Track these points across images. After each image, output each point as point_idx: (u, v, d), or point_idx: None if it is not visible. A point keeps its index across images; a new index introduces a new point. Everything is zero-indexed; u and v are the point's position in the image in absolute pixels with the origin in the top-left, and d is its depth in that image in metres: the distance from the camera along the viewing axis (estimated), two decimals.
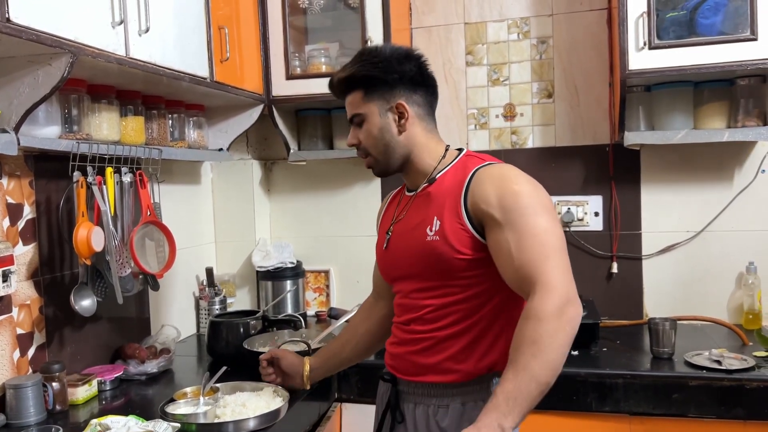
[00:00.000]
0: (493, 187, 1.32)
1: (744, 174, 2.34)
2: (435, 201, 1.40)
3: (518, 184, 1.31)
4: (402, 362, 1.47)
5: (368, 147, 1.46)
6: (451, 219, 1.35)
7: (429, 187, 1.43)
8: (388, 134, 1.44)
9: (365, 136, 1.45)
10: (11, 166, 1.70)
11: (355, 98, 1.45)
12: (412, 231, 1.42)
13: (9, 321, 1.69)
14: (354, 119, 1.46)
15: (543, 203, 1.31)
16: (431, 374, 1.41)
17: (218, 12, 2.08)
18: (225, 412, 1.57)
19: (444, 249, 1.34)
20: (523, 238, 1.26)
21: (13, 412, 1.60)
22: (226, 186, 2.72)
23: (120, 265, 1.83)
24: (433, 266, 1.37)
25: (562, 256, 1.26)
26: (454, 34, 2.57)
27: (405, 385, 1.47)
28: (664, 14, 2.07)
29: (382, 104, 1.43)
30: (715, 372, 1.80)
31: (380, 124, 1.44)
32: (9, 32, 1.28)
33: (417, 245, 1.39)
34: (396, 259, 1.47)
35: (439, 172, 1.44)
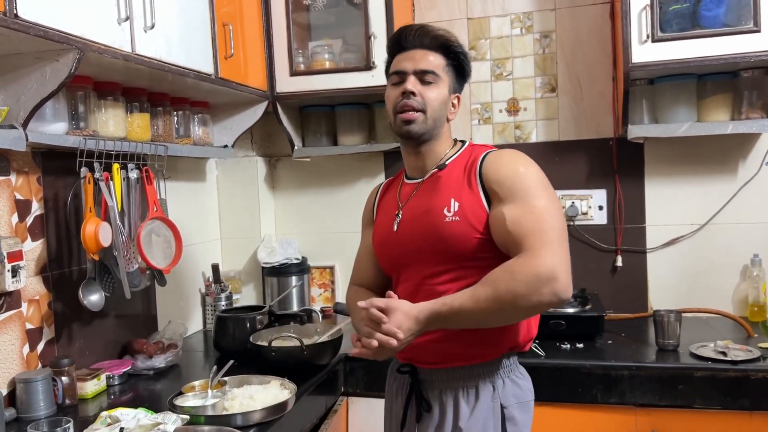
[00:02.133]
0: (502, 166, 1.38)
1: (748, 166, 2.34)
2: (447, 184, 1.43)
3: (524, 166, 1.38)
4: (422, 352, 1.45)
5: (429, 106, 1.44)
6: (470, 200, 1.39)
7: (439, 172, 1.47)
8: (445, 110, 1.48)
9: (432, 95, 1.44)
10: (19, 162, 1.72)
11: (438, 60, 1.46)
12: (425, 214, 1.43)
13: (18, 316, 1.70)
14: (428, 75, 1.44)
15: (545, 185, 1.37)
16: (455, 360, 1.43)
17: (222, 9, 2.09)
18: (233, 405, 1.58)
19: (464, 229, 1.37)
20: (521, 213, 1.31)
21: (24, 406, 1.61)
22: (231, 183, 2.73)
23: (127, 260, 1.84)
24: (450, 248, 1.39)
25: (557, 234, 1.30)
26: (456, 29, 2.58)
27: (426, 373, 1.47)
28: (666, 7, 2.08)
29: (451, 85, 1.49)
30: (721, 363, 1.80)
31: (446, 98, 1.47)
32: (17, 28, 1.29)
33: (433, 228, 1.40)
34: (407, 244, 1.47)
35: (449, 159, 1.48)
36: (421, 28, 1.46)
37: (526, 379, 1.50)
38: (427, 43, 1.45)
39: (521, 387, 1.46)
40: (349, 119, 2.60)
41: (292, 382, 1.70)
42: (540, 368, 1.87)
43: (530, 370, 1.53)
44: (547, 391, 1.87)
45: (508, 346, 1.44)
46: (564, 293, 1.25)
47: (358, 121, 2.60)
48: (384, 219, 1.57)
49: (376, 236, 1.58)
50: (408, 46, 1.46)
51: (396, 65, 1.48)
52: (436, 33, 1.46)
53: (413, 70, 1.44)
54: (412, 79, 1.44)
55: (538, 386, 1.55)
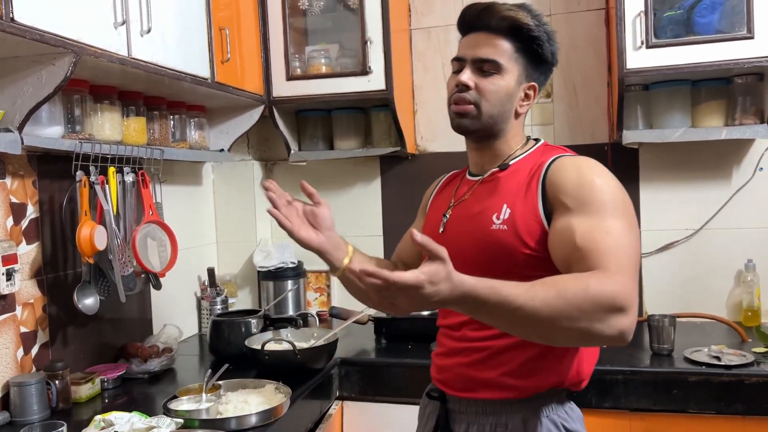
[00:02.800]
0: (571, 174, 1.19)
1: (742, 172, 2.35)
2: (505, 188, 1.27)
3: (602, 178, 1.18)
4: (451, 376, 1.31)
5: (485, 99, 1.26)
6: (524, 209, 1.22)
7: (500, 172, 1.30)
8: (509, 104, 1.28)
9: (490, 87, 1.26)
10: (15, 165, 1.72)
11: (503, 46, 1.26)
12: (474, 217, 1.28)
13: (13, 319, 1.70)
14: (485, 63, 1.26)
15: (626, 206, 1.16)
16: (486, 390, 1.26)
17: (219, 13, 2.09)
18: (227, 409, 1.58)
19: (510, 240, 1.20)
20: (595, 229, 1.10)
21: (17, 409, 1.61)
22: (227, 187, 2.74)
23: (122, 263, 1.84)
24: (494, 258, 1.22)
25: (635, 268, 1.09)
26: (453, 34, 2.56)
27: (455, 402, 1.32)
28: (661, 13, 2.09)
29: (521, 74, 1.28)
30: (715, 368, 1.81)
31: (511, 90, 1.27)
32: (13, 32, 1.29)
33: (479, 233, 1.25)
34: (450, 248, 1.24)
35: (514, 159, 1.31)
36: (487, 8, 1.26)
37: (573, 422, 1.29)
38: (493, 25, 1.25)
39: (559, 428, 1.26)
40: (345, 124, 2.60)
41: (287, 386, 1.70)
42: None
43: None
44: None
45: (551, 383, 1.24)
46: (628, 334, 1.04)
47: (354, 125, 2.61)
48: (433, 216, 1.42)
49: (424, 231, 1.41)
50: (472, 28, 1.28)
51: (459, 50, 1.31)
52: (504, 13, 1.24)
53: (472, 58, 1.27)
54: (468, 70, 1.27)
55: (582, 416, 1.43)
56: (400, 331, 2.25)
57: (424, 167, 2.63)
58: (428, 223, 1.44)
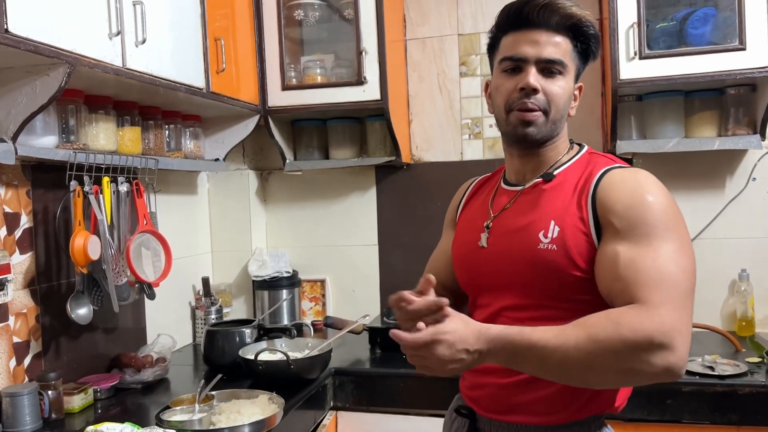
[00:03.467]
0: (623, 193, 1.11)
1: (735, 182, 2.36)
2: (551, 202, 1.18)
3: (654, 195, 1.11)
4: (486, 395, 1.23)
5: (553, 103, 1.18)
6: (574, 227, 1.13)
7: (544, 184, 1.21)
8: (568, 105, 1.22)
9: (558, 92, 1.18)
10: (8, 175, 1.72)
11: (566, 45, 1.19)
12: (517, 233, 1.19)
13: (5, 329, 1.69)
14: (555, 65, 1.17)
15: (678, 224, 1.10)
16: (522, 414, 1.18)
17: (214, 24, 2.10)
18: (220, 419, 1.58)
19: (560, 261, 1.12)
20: (641, 255, 1.04)
21: (9, 420, 1.60)
22: (222, 196, 2.74)
23: (116, 273, 1.84)
24: (541, 280, 1.14)
25: (684, 293, 1.03)
26: (447, 45, 2.60)
27: (486, 423, 1.23)
28: (654, 25, 2.11)
29: (576, 73, 1.23)
30: (708, 378, 1.81)
31: (571, 92, 1.22)
32: (7, 43, 1.30)
33: (525, 251, 1.16)
34: (492, 265, 1.22)
35: (558, 168, 1.22)
36: (549, 3, 1.16)
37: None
38: (555, 22, 1.16)
39: None
40: (340, 133, 2.61)
41: (280, 396, 1.70)
42: None
43: None
44: None
45: (594, 410, 1.17)
46: (678, 368, 0.98)
47: (349, 135, 2.61)
48: (469, 228, 1.30)
49: (456, 246, 1.34)
50: (529, 24, 1.17)
51: (512, 47, 1.18)
52: (568, 11, 1.17)
53: (536, 59, 1.16)
54: (534, 72, 1.16)
55: None
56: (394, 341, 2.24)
57: (420, 177, 2.64)
58: (462, 237, 1.32)
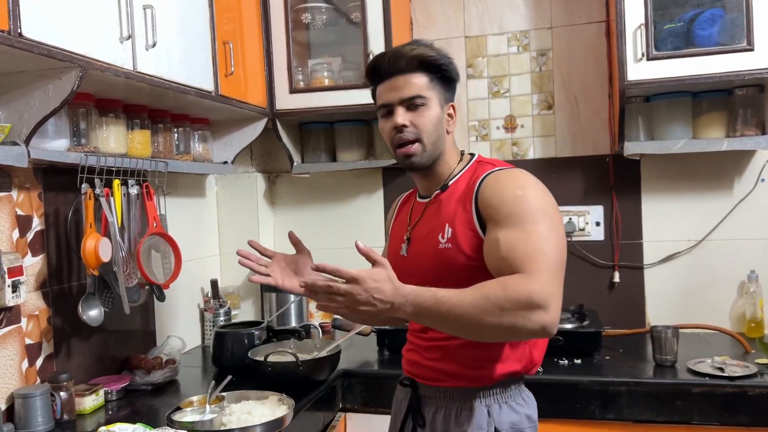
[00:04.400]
0: (498, 190, 1.31)
1: (744, 183, 2.36)
2: (446, 208, 1.40)
3: (523, 189, 1.30)
4: (421, 369, 1.47)
5: (423, 132, 1.38)
6: (462, 226, 1.35)
7: (441, 194, 1.43)
8: (441, 128, 1.41)
9: (424, 121, 1.38)
10: (21, 178, 1.74)
11: (420, 80, 1.38)
12: (425, 238, 1.42)
13: (18, 331, 1.71)
14: (414, 100, 1.38)
15: (546, 211, 1.28)
16: (452, 380, 1.41)
17: (223, 27, 2.12)
18: (231, 420, 1.58)
19: (456, 256, 1.34)
20: (516, 238, 1.23)
21: (22, 421, 1.61)
22: (230, 199, 2.75)
23: (127, 275, 1.85)
24: (445, 274, 1.35)
25: (552, 263, 1.21)
26: (454, 47, 2.61)
27: (426, 389, 1.47)
28: (661, 26, 2.11)
29: (441, 98, 1.42)
30: (718, 379, 1.81)
31: (439, 115, 1.41)
32: (21, 47, 1.31)
33: (430, 253, 1.39)
34: (412, 266, 1.44)
35: (452, 179, 1.44)
36: (393, 53, 1.40)
37: (528, 407, 1.45)
38: (404, 66, 1.38)
39: (519, 414, 1.41)
40: (348, 136, 2.62)
41: (290, 397, 1.71)
42: (537, 384, 1.86)
43: (527, 385, 1.52)
44: (545, 407, 1.85)
45: (506, 371, 1.40)
46: (551, 327, 1.17)
47: (356, 137, 2.62)
48: (395, 239, 1.55)
49: (390, 254, 1.56)
50: (386, 75, 1.40)
51: (382, 96, 1.42)
52: (411, 54, 1.38)
53: (399, 100, 1.38)
54: (401, 111, 1.38)
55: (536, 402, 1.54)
56: (402, 342, 2.23)
57: None
58: (392, 245, 1.57)
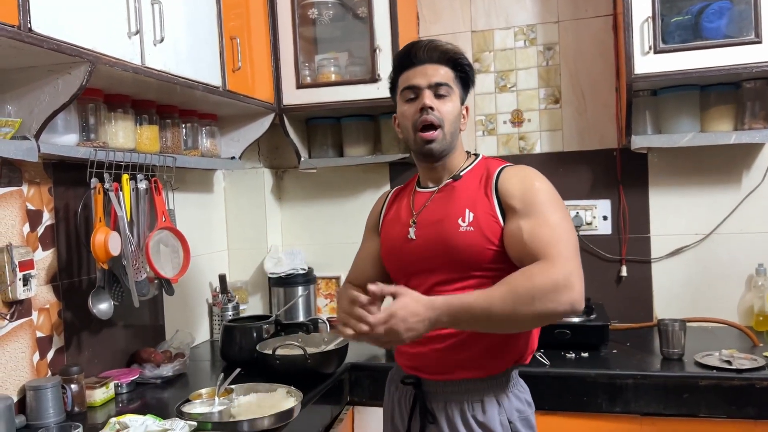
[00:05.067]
0: (518, 182, 1.42)
1: (752, 176, 2.35)
2: (462, 195, 1.46)
3: (540, 182, 1.42)
4: (427, 361, 1.47)
5: (446, 120, 1.47)
6: (484, 211, 1.42)
7: (454, 182, 1.50)
8: (457, 123, 1.51)
9: (448, 109, 1.47)
10: (31, 173, 1.75)
11: (448, 73, 1.48)
12: (439, 223, 1.46)
13: (29, 324, 1.73)
14: (441, 87, 1.47)
15: (558, 201, 1.41)
16: (460, 371, 1.43)
17: (230, 23, 2.13)
18: (239, 412, 1.60)
19: (478, 240, 1.40)
20: (537, 226, 1.34)
21: (33, 413, 1.63)
22: (238, 194, 2.76)
23: (136, 269, 1.87)
24: (463, 257, 1.41)
25: (573, 246, 1.32)
26: (461, 42, 2.61)
27: (431, 385, 1.47)
28: (669, 19, 2.10)
29: (460, 97, 1.52)
30: (726, 372, 1.81)
31: (458, 111, 1.51)
32: (31, 41, 1.32)
33: (447, 237, 1.42)
34: (421, 252, 1.48)
35: (463, 170, 1.52)
36: (430, 43, 1.49)
37: (527, 393, 1.51)
38: (436, 57, 1.48)
39: (522, 401, 1.47)
40: (354, 131, 2.63)
41: (298, 390, 1.72)
42: (545, 377, 1.88)
43: (535, 378, 1.55)
44: (552, 400, 1.88)
45: (513, 359, 1.45)
46: (578, 304, 1.26)
47: (363, 132, 2.63)
48: (395, 226, 1.57)
49: (386, 243, 1.59)
50: (417, 62, 1.48)
51: (408, 80, 1.49)
52: (445, 47, 1.49)
53: (428, 84, 1.46)
54: (429, 93, 1.45)
55: (543, 395, 1.56)
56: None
57: None
58: (390, 234, 1.58)
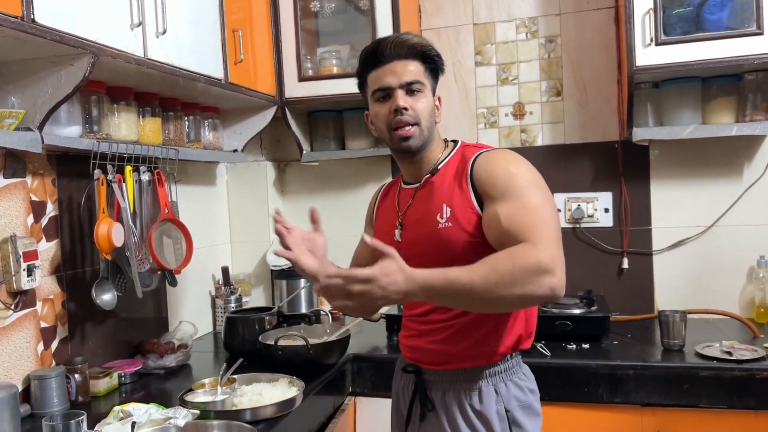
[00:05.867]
0: (492, 168, 1.37)
1: (753, 168, 2.35)
2: (440, 190, 1.43)
3: (515, 166, 1.36)
4: (425, 353, 1.48)
5: (421, 117, 1.43)
6: (461, 204, 1.38)
7: (432, 177, 1.47)
8: (433, 115, 1.47)
9: (422, 105, 1.43)
10: (35, 165, 1.76)
11: (417, 68, 1.43)
12: (420, 220, 1.45)
13: (33, 314, 1.74)
14: (413, 85, 1.42)
15: (538, 183, 1.34)
16: (458, 361, 1.44)
17: (232, 16, 2.13)
18: (242, 401, 1.61)
19: (458, 234, 1.37)
20: (515, 210, 1.28)
21: (38, 402, 1.65)
22: (240, 187, 2.77)
23: (139, 260, 1.88)
24: (447, 252, 1.39)
25: (554, 228, 1.27)
26: (463, 34, 2.62)
27: (431, 374, 1.49)
28: (670, 11, 2.10)
29: (432, 88, 1.48)
30: (726, 362, 1.81)
31: (432, 104, 1.47)
32: (34, 33, 1.33)
33: (429, 233, 1.41)
34: (408, 250, 1.45)
35: (441, 163, 1.48)
36: (396, 39, 1.44)
37: (530, 381, 1.50)
38: (404, 53, 1.43)
39: (523, 389, 1.46)
40: (356, 124, 2.63)
41: (300, 380, 1.73)
42: (546, 368, 1.89)
43: (536, 369, 1.53)
44: (553, 391, 1.88)
45: (511, 346, 1.44)
46: (559, 289, 1.21)
47: (365, 125, 2.58)
48: (385, 225, 1.58)
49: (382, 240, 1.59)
50: (385, 60, 1.43)
51: (378, 81, 1.44)
52: (413, 42, 1.43)
53: (399, 84, 1.41)
54: (401, 93, 1.41)
55: (544, 386, 1.54)
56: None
57: None
58: (380, 232, 1.59)
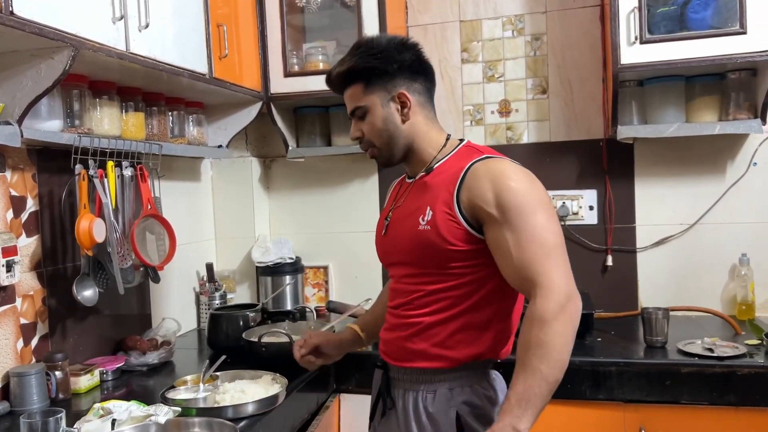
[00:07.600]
0: (489, 183, 1.32)
1: (736, 167, 2.37)
2: (430, 191, 1.41)
3: (514, 181, 1.31)
4: (392, 348, 1.48)
5: (372, 138, 1.46)
6: (442, 211, 1.36)
7: (426, 176, 1.44)
8: (391, 124, 1.44)
9: (369, 128, 1.45)
10: (15, 159, 1.74)
11: (356, 91, 1.45)
12: (406, 218, 1.44)
13: (13, 311, 1.72)
14: (356, 112, 1.46)
15: (540, 199, 1.31)
16: (420, 360, 1.42)
17: (217, 10, 2.11)
18: (224, 398, 1.60)
19: (435, 239, 1.35)
20: (522, 237, 1.27)
21: (17, 399, 1.63)
22: (225, 183, 2.76)
23: (121, 256, 1.86)
24: (425, 255, 1.38)
25: (561, 253, 1.28)
26: (449, 31, 2.61)
27: (396, 371, 1.48)
28: (655, 9, 2.11)
29: (383, 95, 1.43)
30: (708, 359, 1.82)
31: (383, 114, 1.44)
32: (12, 25, 1.31)
33: (410, 233, 1.41)
34: (391, 245, 1.49)
35: (437, 162, 1.44)
36: (327, 77, 1.50)
37: (493, 390, 1.44)
38: (342, 83, 1.47)
39: (480, 397, 1.41)
40: (343, 120, 2.62)
41: (284, 377, 1.72)
42: None
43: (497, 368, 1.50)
44: None
45: (473, 354, 1.39)
46: (579, 301, 1.27)
47: (351, 121, 2.62)
48: (381, 217, 1.58)
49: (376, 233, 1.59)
50: (338, 93, 1.51)
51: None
52: (339, 72, 1.46)
53: (350, 114, 1.48)
54: (353, 124, 1.49)
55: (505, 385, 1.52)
56: None
57: None
58: (378, 223, 1.59)
